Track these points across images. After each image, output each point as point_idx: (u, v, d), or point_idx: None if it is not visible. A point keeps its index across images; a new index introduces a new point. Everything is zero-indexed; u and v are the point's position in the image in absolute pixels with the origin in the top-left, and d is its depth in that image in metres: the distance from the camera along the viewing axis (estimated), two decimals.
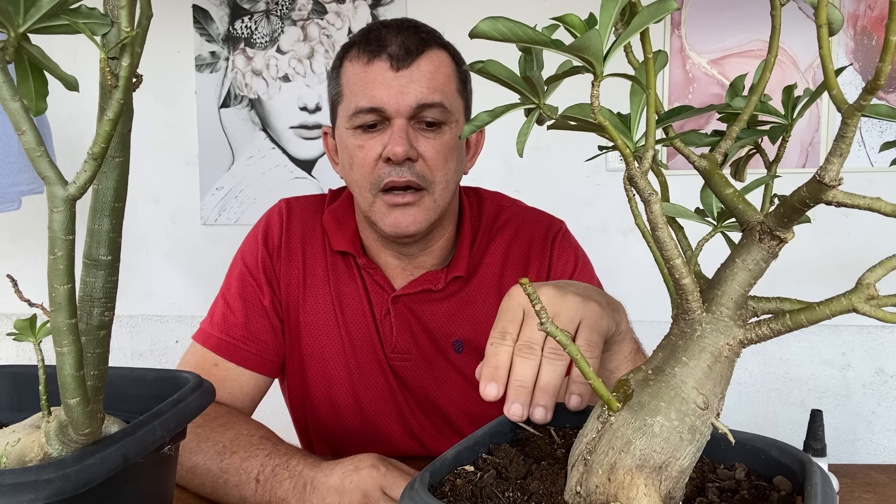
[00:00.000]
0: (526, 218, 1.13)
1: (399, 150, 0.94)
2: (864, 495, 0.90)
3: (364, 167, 0.98)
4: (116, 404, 0.56)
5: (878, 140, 2.01)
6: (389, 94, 0.95)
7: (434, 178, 0.98)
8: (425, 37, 0.98)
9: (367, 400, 1.09)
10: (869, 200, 0.37)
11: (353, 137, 0.99)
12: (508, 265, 1.09)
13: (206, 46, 2.24)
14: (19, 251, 2.35)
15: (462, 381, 1.08)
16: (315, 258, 1.09)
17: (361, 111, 0.96)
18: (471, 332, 1.07)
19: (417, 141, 0.97)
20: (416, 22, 1.01)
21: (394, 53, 0.95)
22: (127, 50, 0.40)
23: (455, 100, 1.00)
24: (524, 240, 1.10)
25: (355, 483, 0.78)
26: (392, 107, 0.95)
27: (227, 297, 1.08)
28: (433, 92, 0.96)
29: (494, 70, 0.40)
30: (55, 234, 0.40)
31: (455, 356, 1.08)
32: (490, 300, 1.08)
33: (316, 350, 1.08)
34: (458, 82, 1.01)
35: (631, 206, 0.44)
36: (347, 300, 1.08)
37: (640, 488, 0.42)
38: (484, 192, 1.17)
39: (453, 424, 1.10)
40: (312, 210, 1.12)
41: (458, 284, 1.08)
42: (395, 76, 0.95)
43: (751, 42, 2.04)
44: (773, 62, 0.42)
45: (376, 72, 0.96)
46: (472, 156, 1.10)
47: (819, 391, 2.15)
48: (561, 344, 0.43)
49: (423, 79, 0.96)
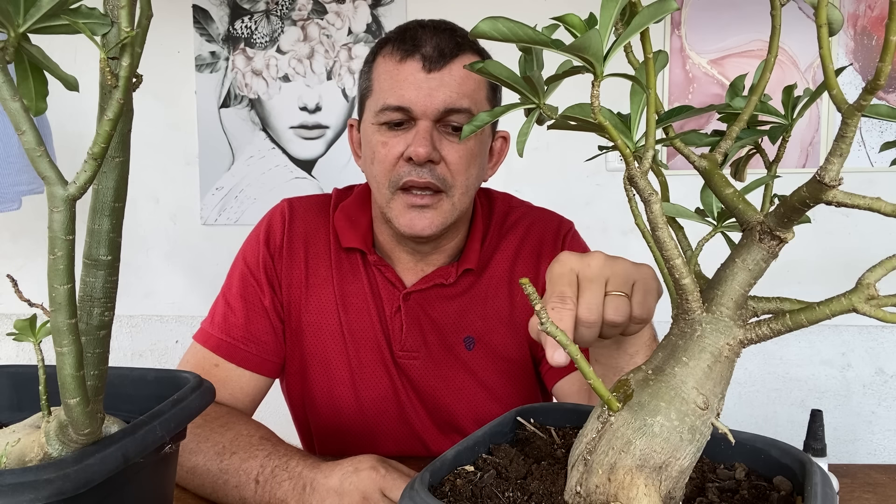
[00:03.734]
0: (537, 217, 1.14)
1: (422, 152, 0.94)
2: (864, 495, 0.90)
3: (385, 164, 0.98)
4: (116, 404, 0.56)
5: (878, 140, 2.01)
6: (418, 95, 0.95)
7: (454, 183, 0.98)
8: (460, 41, 0.98)
9: (369, 400, 1.08)
10: (869, 200, 0.37)
11: (377, 133, 0.99)
12: (519, 262, 1.09)
13: (206, 46, 2.24)
14: (19, 251, 2.35)
15: (471, 379, 1.08)
16: (318, 258, 1.09)
17: (389, 108, 0.97)
18: (482, 329, 1.07)
19: (441, 144, 0.97)
20: (454, 25, 1.02)
21: (427, 55, 0.96)
22: (127, 50, 0.40)
23: (483, 107, 1.00)
24: (535, 238, 1.11)
25: (354, 484, 0.78)
26: (419, 108, 0.95)
27: (228, 298, 1.08)
28: (462, 97, 0.96)
29: (494, 70, 0.40)
30: (55, 234, 0.40)
31: (466, 353, 1.07)
32: (500, 296, 1.08)
33: (318, 350, 1.08)
34: (489, 90, 1.02)
35: (631, 206, 0.44)
36: (352, 299, 1.08)
37: (640, 488, 0.42)
38: (494, 191, 1.18)
39: (457, 425, 1.10)
40: (316, 210, 1.12)
41: (470, 279, 1.08)
42: (427, 78, 0.96)
43: (751, 42, 2.04)
44: (773, 62, 0.42)
45: (408, 71, 0.96)
46: (494, 164, 1.10)
47: (819, 391, 2.15)
48: (562, 344, 0.43)
49: (453, 83, 0.96)
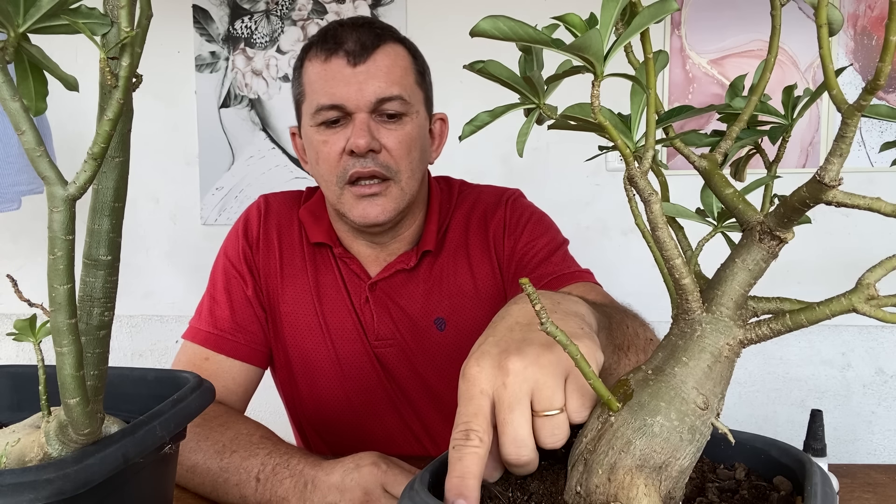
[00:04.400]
0: (483, 190, 1.18)
1: (361, 143, 0.97)
2: (864, 495, 0.90)
3: (329, 161, 1.00)
4: (116, 404, 0.56)
5: (878, 140, 2.01)
6: (349, 90, 0.98)
7: (399, 168, 1.01)
8: (380, 32, 1.01)
9: (355, 391, 1.10)
10: (869, 200, 0.37)
11: (317, 134, 1.01)
12: (471, 231, 1.12)
13: (206, 46, 2.24)
14: (19, 251, 2.35)
15: (449, 358, 1.09)
16: (292, 249, 1.11)
17: (323, 108, 0.99)
18: (450, 308, 1.09)
19: (379, 133, 0.99)
20: (372, 18, 1.06)
21: (350, 50, 0.98)
22: (127, 50, 0.40)
23: (414, 91, 1.03)
24: (481, 207, 1.14)
25: (356, 481, 0.78)
26: (352, 102, 0.98)
27: (213, 293, 1.11)
28: (391, 85, 0.99)
29: (494, 70, 0.40)
30: (55, 234, 0.40)
31: (438, 335, 1.09)
32: (461, 271, 1.10)
33: (297, 342, 1.10)
34: (417, 74, 1.04)
35: (631, 206, 0.44)
36: (326, 290, 1.10)
37: (640, 488, 0.42)
38: (452, 179, 1.21)
39: (446, 402, 1.11)
40: (289, 204, 1.16)
41: (429, 260, 1.10)
42: (354, 72, 0.98)
43: (751, 42, 2.04)
44: (773, 62, 0.42)
45: (334, 69, 0.99)
46: (437, 146, 1.13)
47: (819, 391, 2.15)
48: (562, 344, 0.43)
49: (380, 73, 0.98)
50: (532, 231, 1.10)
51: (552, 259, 1.07)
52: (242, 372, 1.07)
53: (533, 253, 1.08)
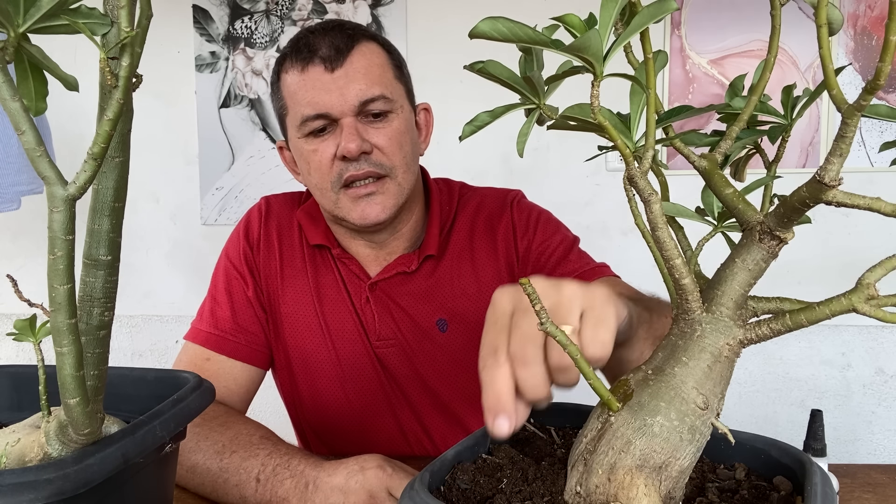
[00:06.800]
0: (486, 193, 1.17)
1: (352, 147, 0.96)
2: (864, 495, 0.90)
3: (322, 168, 1.00)
4: (116, 404, 0.56)
5: (878, 140, 2.01)
6: (331, 97, 0.97)
7: (394, 163, 1.01)
8: (351, 33, 1.00)
9: (355, 391, 1.10)
10: (869, 200, 0.37)
11: (306, 144, 1.01)
12: (476, 235, 1.12)
13: (206, 46, 2.24)
14: (19, 251, 2.35)
15: (450, 360, 1.09)
16: (292, 250, 1.12)
17: (308, 119, 0.99)
18: (452, 309, 1.09)
19: (368, 133, 0.99)
20: (341, 21, 1.05)
21: (325, 56, 0.98)
22: (127, 50, 0.40)
23: (395, 87, 1.02)
24: (486, 210, 1.13)
25: (361, 483, 0.78)
26: (336, 108, 0.97)
27: (215, 294, 1.11)
28: (372, 85, 0.98)
29: (494, 70, 0.40)
30: (55, 234, 0.40)
31: (441, 336, 1.09)
32: (465, 273, 1.10)
33: (298, 343, 1.10)
34: (394, 69, 1.04)
35: (631, 206, 0.44)
36: (326, 291, 1.10)
37: (640, 488, 0.42)
38: (452, 181, 1.21)
39: (446, 404, 1.11)
40: (289, 206, 1.16)
41: (431, 264, 1.10)
42: (332, 77, 0.97)
43: (751, 42, 2.04)
44: (773, 62, 0.42)
45: (313, 77, 0.98)
46: (424, 137, 1.13)
47: (819, 391, 2.15)
48: (561, 344, 0.43)
49: (358, 75, 0.98)
50: (544, 230, 1.10)
51: (570, 257, 1.08)
52: (243, 373, 1.07)
53: (549, 252, 1.08)
